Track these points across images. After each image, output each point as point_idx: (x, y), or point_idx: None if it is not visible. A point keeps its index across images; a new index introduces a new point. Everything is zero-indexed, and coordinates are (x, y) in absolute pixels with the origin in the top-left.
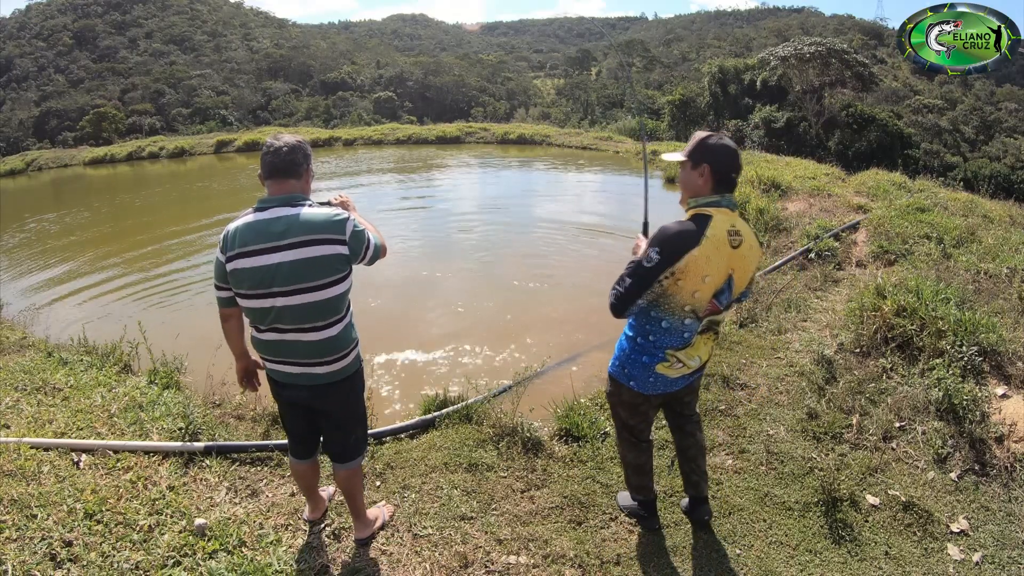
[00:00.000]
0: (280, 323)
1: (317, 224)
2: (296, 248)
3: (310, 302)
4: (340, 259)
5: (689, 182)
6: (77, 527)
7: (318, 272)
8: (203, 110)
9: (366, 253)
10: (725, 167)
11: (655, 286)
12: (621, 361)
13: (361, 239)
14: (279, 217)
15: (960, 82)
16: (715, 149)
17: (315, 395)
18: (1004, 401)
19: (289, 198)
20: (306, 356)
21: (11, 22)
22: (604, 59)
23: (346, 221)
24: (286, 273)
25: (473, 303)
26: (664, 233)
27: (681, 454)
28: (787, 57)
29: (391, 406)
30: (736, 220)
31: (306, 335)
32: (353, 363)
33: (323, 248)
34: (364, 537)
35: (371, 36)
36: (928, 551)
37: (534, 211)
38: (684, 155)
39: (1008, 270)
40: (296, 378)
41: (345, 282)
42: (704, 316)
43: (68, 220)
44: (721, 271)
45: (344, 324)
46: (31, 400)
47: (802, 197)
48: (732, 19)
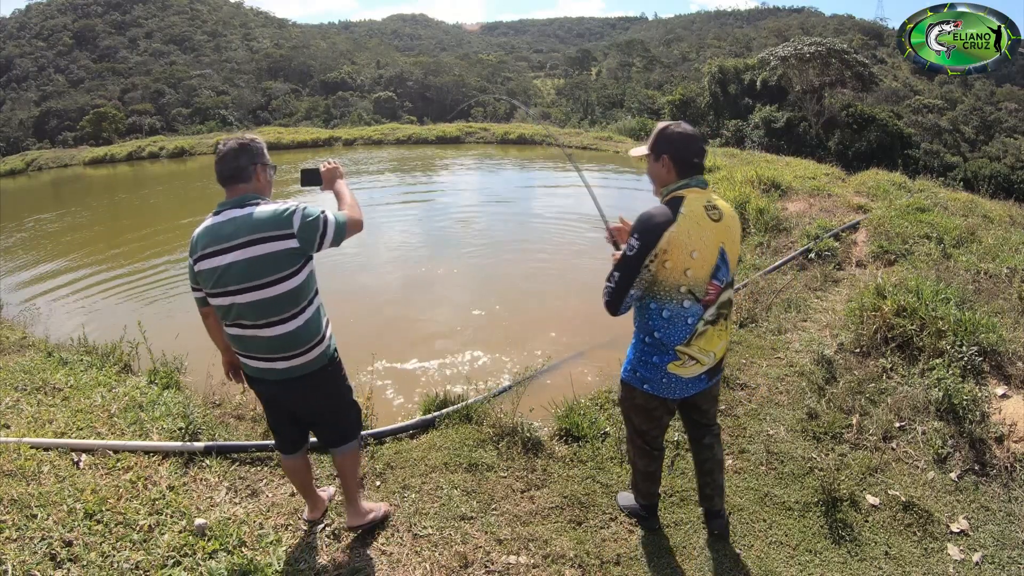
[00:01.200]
0: (241, 319)
1: (262, 222)
2: (243, 248)
3: (263, 299)
4: (289, 254)
5: (656, 173)
6: (77, 527)
7: (266, 269)
8: (203, 110)
9: (323, 238)
10: (685, 153)
11: (643, 272)
12: (632, 365)
13: (314, 227)
14: (231, 219)
15: (960, 82)
16: (672, 138)
17: (284, 390)
18: (1004, 401)
19: (240, 199)
20: (268, 351)
21: (11, 22)
22: (604, 59)
23: (293, 214)
24: (236, 273)
25: (473, 302)
26: (640, 219)
27: (698, 467)
28: (787, 57)
29: (391, 406)
30: (711, 196)
31: (265, 331)
32: (321, 356)
33: (268, 246)
34: (355, 526)
35: (371, 36)
36: (928, 551)
37: (534, 209)
38: (647, 149)
39: (1008, 270)
40: (264, 372)
41: (298, 276)
42: (706, 300)
43: (67, 219)
44: (710, 245)
45: (306, 318)
46: (31, 400)
47: (802, 197)
48: (732, 19)
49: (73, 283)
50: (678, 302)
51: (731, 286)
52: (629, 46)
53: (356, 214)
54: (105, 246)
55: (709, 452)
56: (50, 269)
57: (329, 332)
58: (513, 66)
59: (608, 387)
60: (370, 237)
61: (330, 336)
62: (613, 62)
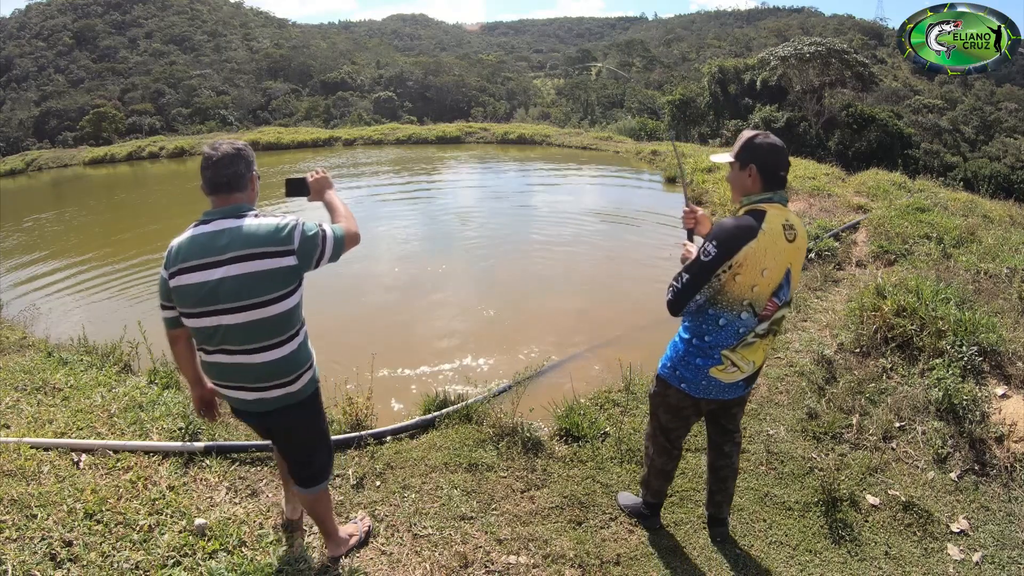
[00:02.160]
0: (228, 344)
1: (260, 236)
2: (239, 262)
3: (257, 319)
4: (287, 272)
5: (738, 182)
6: (77, 527)
7: (263, 287)
8: (203, 110)
9: (322, 254)
10: (772, 166)
11: (713, 281)
12: (674, 363)
13: (314, 242)
14: (223, 230)
15: (960, 82)
16: (761, 148)
17: (270, 420)
18: (1004, 401)
19: (234, 209)
20: (257, 380)
21: (11, 22)
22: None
23: (294, 229)
24: (229, 289)
25: (473, 302)
26: (722, 227)
27: (713, 473)
28: (787, 57)
29: (391, 406)
30: (788, 214)
31: (255, 356)
32: (308, 385)
33: (267, 262)
34: (337, 555)
35: (371, 36)
36: (928, 551)
37: (534, 208)
38: (731, 156)
39: (1008, 270)
40: (249, 404)
41: (294, 296)
42: (761, 315)
43: (67, 219)
44: (780, 265)
45: (298, 343)
46: (31, 400)
47: (802, 197)
48: (732, 19)
49: (73, 283)
50: (736, 313)
51: (788, 305)
52: (629, 46)
53: (352, 226)
54: (105, 246)
55: (727, 460)
56: (50, 269)
57: (315, 358)
58: (513, 66)
59: (608, 387)
60: (370, 237)
61: (316, 363)
62: (613, 62)
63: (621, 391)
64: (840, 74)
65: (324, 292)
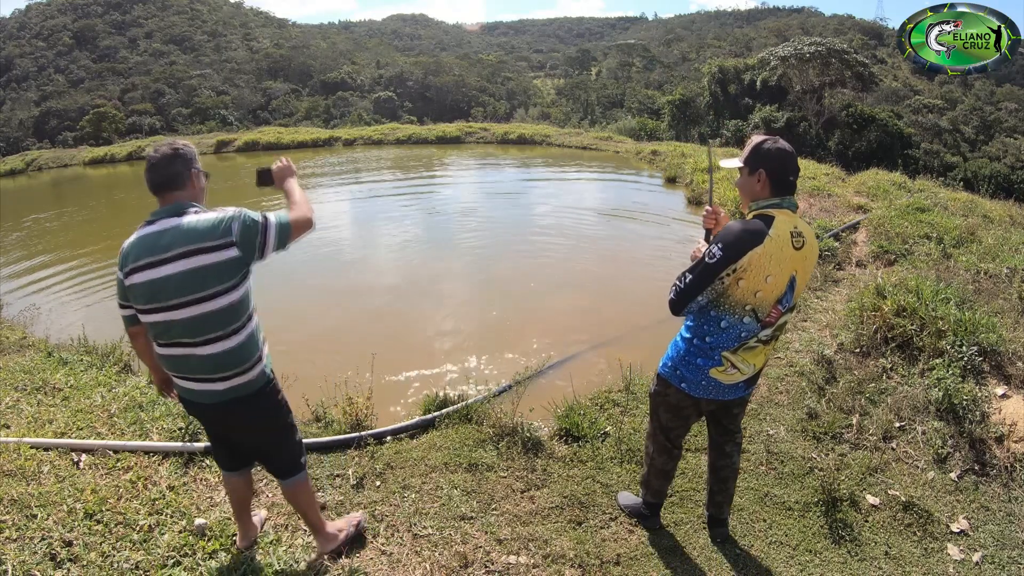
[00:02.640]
0: (178, 337)
1: (200, 232)
2: (181, 259)
3: (202, 313)
4: (230, 264)
5: (747, 187)
6: (77, 527)
7: (206, 282)
8: (203, 110)
9: (265, 244)
10: (781, 171)
11: (716, 283)
12: (675, 362)
13: (254, 231)
14: (165, 229)
15: (960, 82)
16: (770, 154)
17: (222, 414)
18: (1004, 401)
19: (175, 207)
20: (203, 371)
21: (11, 22)
22: (604, 59)
23: (232, 220)
24: (174, 286)
25: (473, 301)
26: (729, 230)
27: (714, 474)
28: (787, 57)
29: (391, 406)
30: (798, 221)
31: (201, 348)
32: (259, 378)
33: (209, 256)
34: (327, 551)
35: (371, 36)
36: (928, 551)
37: (534, 208)
38: (740, 162)
39: (1008, 270)
40: (198, 395)
41: (238, 289)
42: (765, 321)
43: (66, 219)
44: (784, 272)
45: (245, 335)
46: (31, 400)
47: (802, 197)
48: (732, 19)
49: (73, 283)
50: (739, 317)
51: (792, 310)
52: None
53: (302, 213)
54: (105, 246)
55: (728, 460)
56: (50, 269)
57: (266, 351)
58: (513, 66)
59: (608, 387)
60: (370, 237)
61: (267, 355)
62: (613, 62)
63: (621, 391)
64: (840, 74)
65: (324, 292)
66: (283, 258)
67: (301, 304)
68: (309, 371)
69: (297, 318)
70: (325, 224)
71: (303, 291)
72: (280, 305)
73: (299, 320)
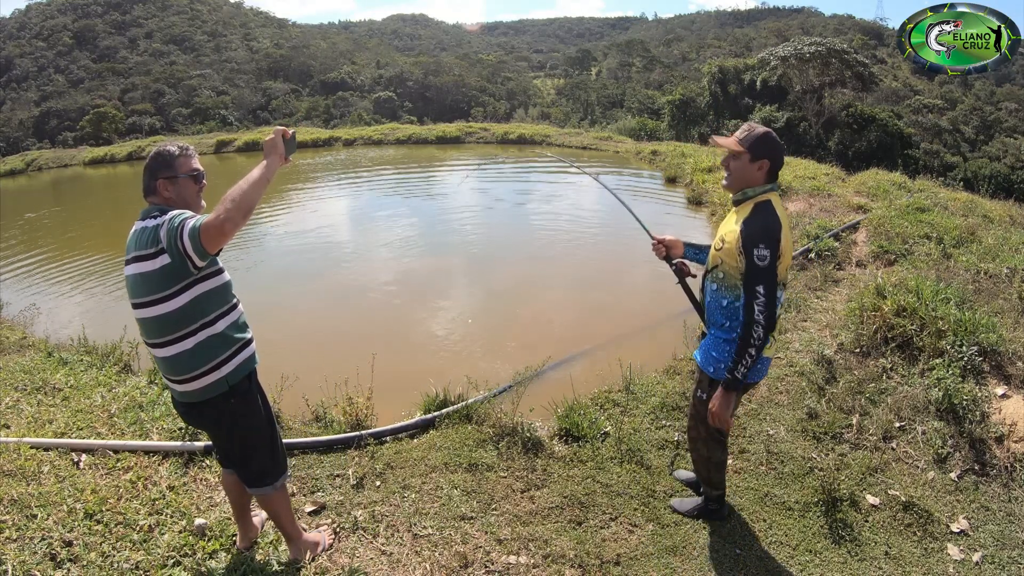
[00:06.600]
0: (144, 335)
1: (142, 240)
2: (133, 263)
3: (148, 317)
4: (165, 272)
5: (745, 173)
6: (77, 527)
7: (145, 288)
8: (203, 110)
9: (184, 250)
10: (780, 162)
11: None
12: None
13: (173, 236)
14: (134, 231)
15: (960, 82)
16: (777, 146)
17: (185, 413)
18: (1004, 401)
19: (146, 210)
20: (165, 371)
21: (11, 22)
22: (604, 59)
23: (160, 228)
24: (131, 287)
25: (474, 301)
26: (761, 228)
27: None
28: (787, 57)
29: (391, 406)
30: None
31: (158, 350)
32: (213, 387)
33: (146, 264)
34: (296, 558)
35: (371, 36)
36: (928, 551)
37: (534, 208)
38: (744, 147)
39: (1008, 270)
40: (176, 395)
41: (175, 300)
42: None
43: (66, 219)
44: (791, 241)
45: (195, 342)
46: (31, 400)
47: (802, 197)
48: (732, 19)
49: (73, 283)
50: (778, 291)
51: None
52: (629, 46)
53: (216, 215)
54: (105, 246)
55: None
56: (50, 269)
57: (235, 364)
58: (513, 66)
59: (608, 387)
60: (370, 236)
61: (236, 368)
62: (613, 62)
63: (621, 391)
64: (840, 74)
65: (325, 292)
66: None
67: (301, 304)
68: (309, 371)
69: (297, 318)
70: (325, 224)
71: (303, 291)
72: (280, 305)
73: (299, 320)
